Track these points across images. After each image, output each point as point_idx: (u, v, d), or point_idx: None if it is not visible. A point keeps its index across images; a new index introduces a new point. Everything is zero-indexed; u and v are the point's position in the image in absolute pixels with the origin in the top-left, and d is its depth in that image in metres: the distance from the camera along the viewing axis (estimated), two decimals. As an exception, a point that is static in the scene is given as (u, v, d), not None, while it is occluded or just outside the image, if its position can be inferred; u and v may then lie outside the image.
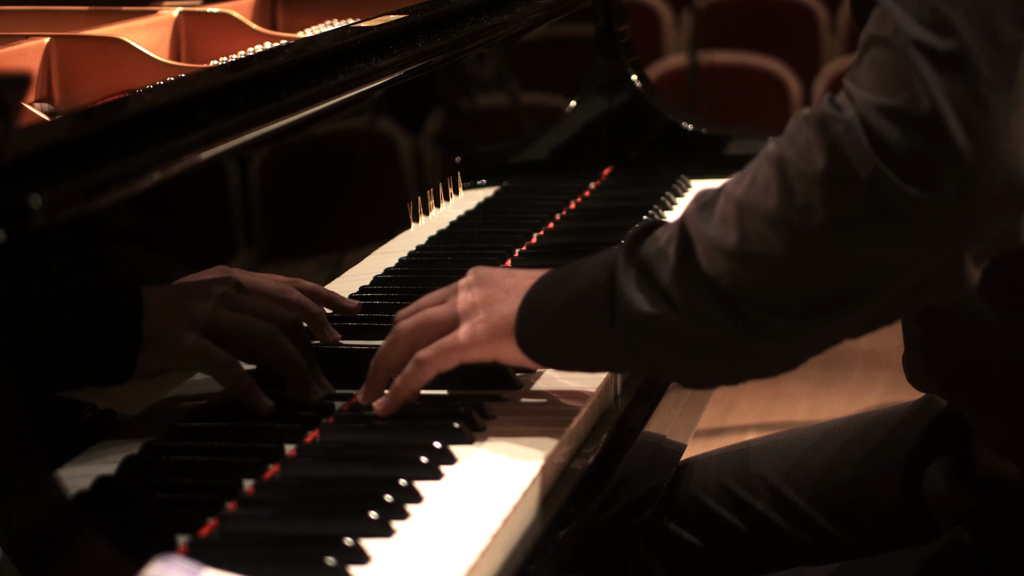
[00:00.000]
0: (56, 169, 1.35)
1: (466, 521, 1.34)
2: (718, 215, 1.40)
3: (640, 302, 1.42)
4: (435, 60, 2.11)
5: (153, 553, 1.19)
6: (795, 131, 1.38)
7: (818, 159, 1.34)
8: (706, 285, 1.39)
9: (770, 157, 1.39)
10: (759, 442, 1.96)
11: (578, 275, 1.49)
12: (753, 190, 1.38)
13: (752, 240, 1.37)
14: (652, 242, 1.45)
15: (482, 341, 1.52)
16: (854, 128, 1.33)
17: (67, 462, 1.37)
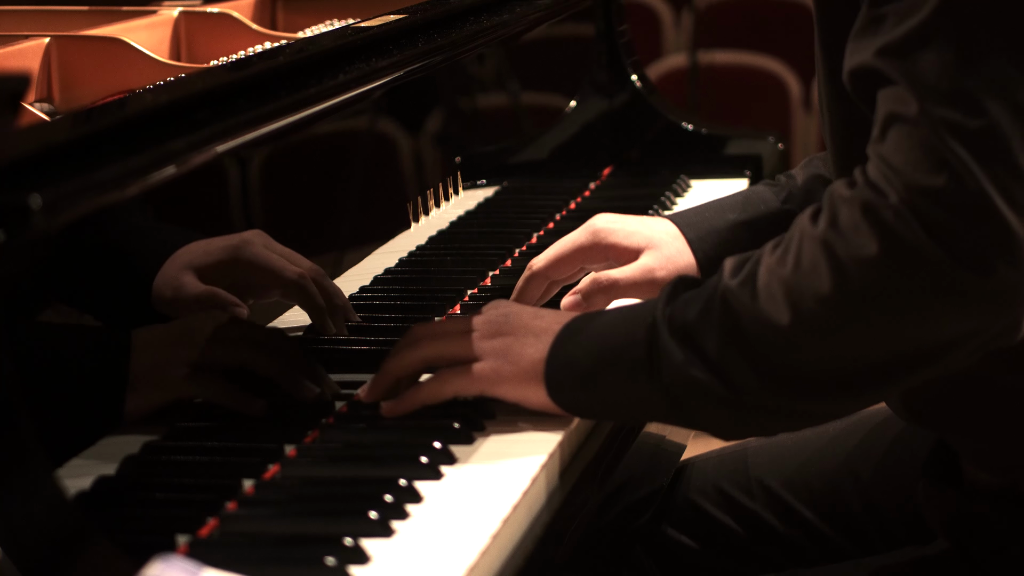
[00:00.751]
0: (56, 169, 1.35)
1: (466, 521, 1.34)
2: (763, 292, 1.41)
3: (691, 370, 1.43)
4: (435, 60, 2.10)
5: (153, 553, 1.19)
6: (835, 211, 1.39)
7: (870, 244, 1.35)
8: (756, 361, 1.41)
9: (814, 239, 1.39)
10: (756, 444, 1.96)
11: (611, 328, 1.50)
12: (800, 271, 1.39)
13: (806, 321, 1.38)
14: (687, 308, 1.45)
15: (508, 382, 1.52)
16: (904, 215, 1.34)
17: (67, 462, 1.37)
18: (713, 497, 1.90)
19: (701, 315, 1.44)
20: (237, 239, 1.65)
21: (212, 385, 1.52)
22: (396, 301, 1.90)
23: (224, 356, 1.53)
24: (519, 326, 1.54)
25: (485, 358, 1.53)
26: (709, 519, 1.89)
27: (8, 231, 1.26)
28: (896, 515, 1.81)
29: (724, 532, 1.89)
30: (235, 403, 1.53)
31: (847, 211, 1.37)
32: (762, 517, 1.87)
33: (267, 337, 1.59)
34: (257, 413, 1.53)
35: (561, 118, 2.62)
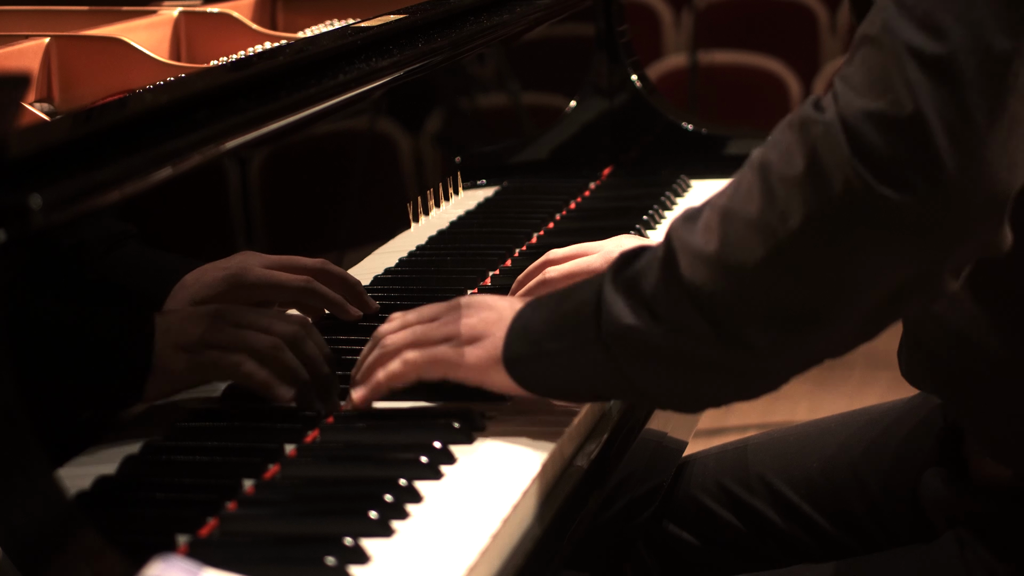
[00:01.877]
0: (56, 169, 1.35)
1: (466, 521, 1.34)
2: (701, 224, 1.39)
3: (624, 314, 1.41)
4: (435, 60, 2.10)
5: (153, 553, 1.19)
6: (778, 135, 1.37)
7: (797, 162, 1.33)
8: (687, 294, 1.38)
9: (753, 163, 1.38)
10: (757, 439, 1.96)
11: (568, 296, 1.48)
12: (736, 197, 1.38)
13: (733, 246, 1.36)
14: (637, 260, 1.44)
15: (472, 365, 1.51)
16: (833, 130, 1.32)
17: (67, 462, 1.37)
18: (714, 493, 1.90)
19: (647, 261, 1.42)
20: (234, 267, 1.64)
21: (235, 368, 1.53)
22: (396, 301, 1.90)
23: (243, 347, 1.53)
24: (483, 308, 1.53)
25: (455, 342, 1.52)
26: (710, 515, 1.89)
27: (8, 231, 1.26)
28: (898, 511, 1.81)
29: (725, 528, 1.89)
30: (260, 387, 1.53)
31: (787, 133, 1.36)
32: (763, 513, 1.87)
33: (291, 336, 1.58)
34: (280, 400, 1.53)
35: (561, 118, 2.62)
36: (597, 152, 2.68)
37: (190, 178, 1.58)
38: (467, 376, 1.51)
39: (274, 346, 1.53)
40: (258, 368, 1.52)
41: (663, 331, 1.39)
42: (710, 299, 1.37)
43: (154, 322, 1.50)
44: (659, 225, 2.31)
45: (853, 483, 1.84)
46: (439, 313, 1.54)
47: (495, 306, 1.53)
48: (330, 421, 1.55)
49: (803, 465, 1.88)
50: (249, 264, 1.66)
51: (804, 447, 1.90)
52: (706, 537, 1.89)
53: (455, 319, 1.53)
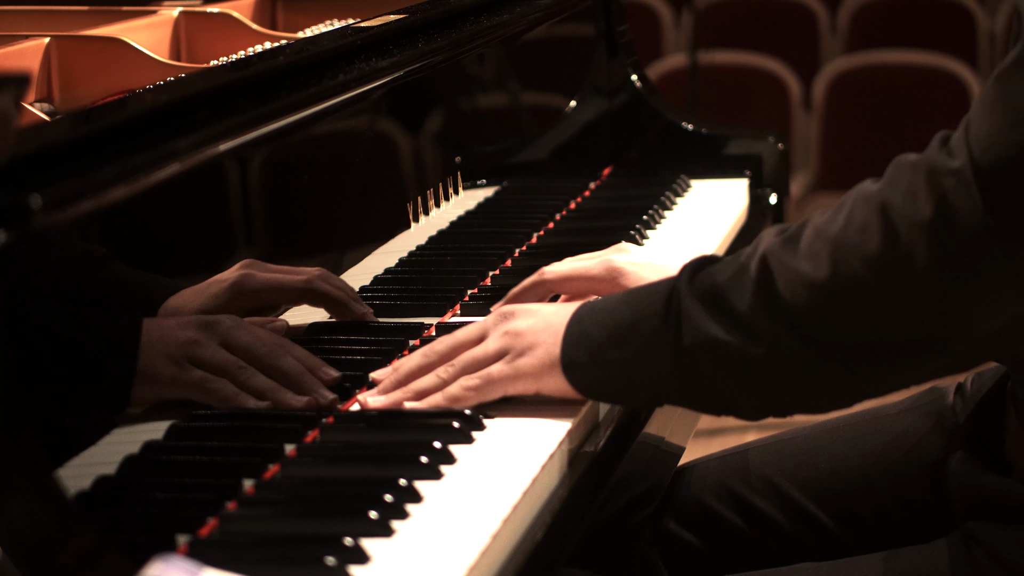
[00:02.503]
0: (56, 169, 1.35)
1: (466, 521, 1.34)
2: (804, 249, 1.41)
3: (711, 328, 1.43)
4: (435, 60, 2.10)
5: (153, 553, 1.19)
6: (898, 176, 1.38)
7: (924, 208, 1.34)
8: (784, 315, 1.40)
9: (871, 200, 1.39)
10: (760, 443, 1.96)
11: (626, 304, 1.50)
12: (850, 230, 1.39)
13: (845, 278, 1.38)
14: (714, 274, 1.46)
15: (527, 373, 1.53)
16: (965, 180, 1.33)
17: (67, 462, 1.37)
18: (719, 494, 1.90)
19: (733, 277, 1.43)
20: (235, 274, 1.64)
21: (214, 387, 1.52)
22: (396, 301, 1.90)
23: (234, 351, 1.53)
24: (529, 314, 1.54)
25: (502, 357, 1.53)
26: (715, 516, 1.89)
27: (8, 231, 1.26)
28: (905, 511, 1.81)
29: (730, 529, 1.88)
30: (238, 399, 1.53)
31: (910, 175, 1.36)
32: (769, 515, 1.87)
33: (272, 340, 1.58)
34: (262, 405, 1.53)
35: (561, 118, 2.62)
36: (597, 152, 2.68)
37: (190, 178, 1.57)
38: (524, 388, 1.54)
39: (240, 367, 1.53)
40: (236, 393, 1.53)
41: (758, 348, 1.41)
42: (812, 324, 1.40)
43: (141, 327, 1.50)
44: (659, 225, 2.31)
45: (861, 483, 1.84)
46: (486, 330, 1.56)
47: (538, 313, 1.55)
48: (330, 421, 1.55)
49: (811, 466, 1.88)
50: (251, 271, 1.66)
51: (811, 448, 1.90)
52: (712, 538, 1.89)
53: (501, 332, 1.55)
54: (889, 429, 1.87)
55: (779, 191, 2.64)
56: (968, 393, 1.82)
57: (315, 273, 1.74)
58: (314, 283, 1.72)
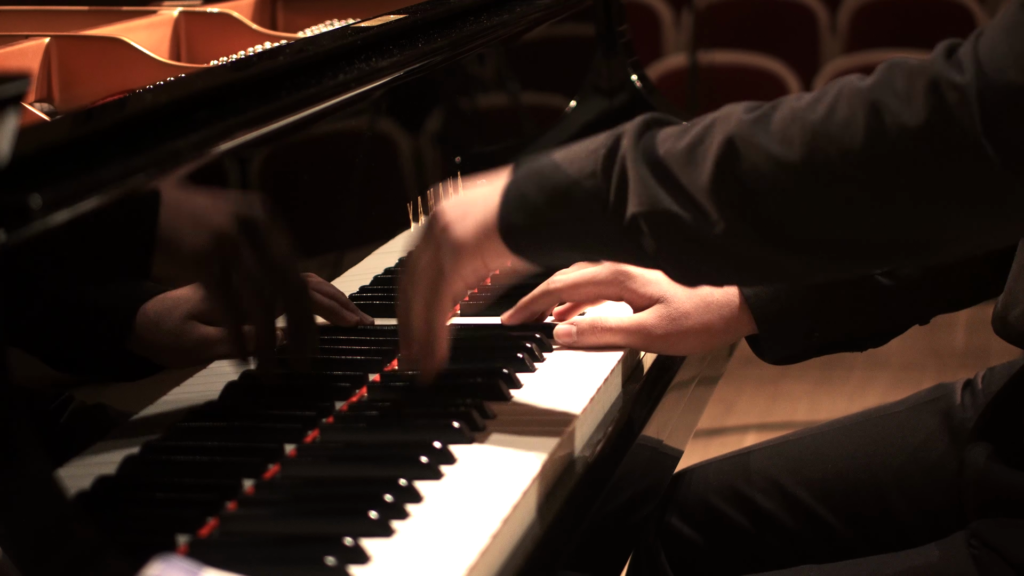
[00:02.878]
0: (56, 169, 1.35)
1: (466, 521, 1.34)
2: (777, 130, 1.36)
3: (666, 201, 1.39)
4: (435, 60, 2.10)
5: (153, 553, 1.19)
6: (893, 77, 1.34)
7: (919, 114, 1.30)
8: (748, 200, 1.36)
9: (859, 95, 1.35)
10: (765, 445, 1.96)
11: (566, 163, 1.46)
12: (832, 121, 1.34)
13: (819, 167, 1.33)
14: (666, 141, 1.42)
15: (467, 247, 1.50)
16: (969, 99, 1.28)
17: (67, 462, 1.37)
18: (725, 494, 1.90)
19: (689, 149, 1.39)
20: None
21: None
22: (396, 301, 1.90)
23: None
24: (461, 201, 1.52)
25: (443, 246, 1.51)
26: (720, 516, 1.89)
27: (8, 231, 1.26)
28: (910, 511, 1.80)
29: (735, 529, 1.88)
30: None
31: (906, 79, 1.32)
32: (774, 514, 1.87)
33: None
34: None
35: (561, 118, 2.62)
36: (597, 152, 2.67)
37: (190, 178, 1.57)
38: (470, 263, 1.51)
39: None
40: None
41: (712, 228, 1.37)
42: (773, 208, 1.35)
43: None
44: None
45: (868, 483, 1.84)
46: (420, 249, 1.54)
47: (470, 193, 1.52)
48: (330, 421, 1.55)
49: (817, 467, 1.88)
50: None
51: (817, 449, 1.90)
52: (718, 538, 1.89)
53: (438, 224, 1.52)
54: (896, 428, 1.86)
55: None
56: (980, 389, 1.81)
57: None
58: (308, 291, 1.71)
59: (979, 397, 1.80)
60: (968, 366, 4.95)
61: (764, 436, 4.51)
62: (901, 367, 5.02)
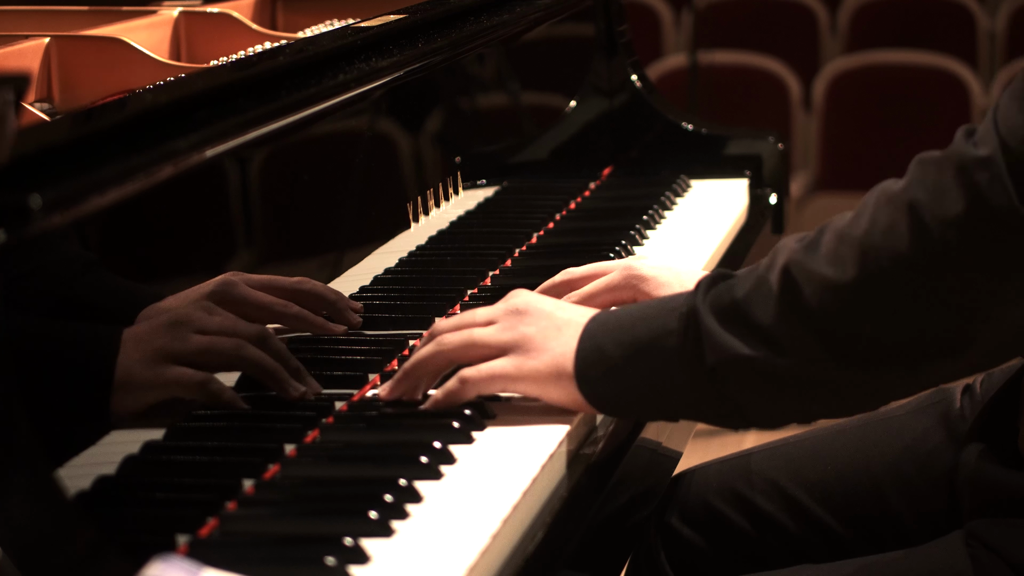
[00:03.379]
0: (56, 169, 1.35)
1: (466, 521, 1.34)
2: (827, 256, 1.40)
3: (734, 344, 1.43)
4: (435, 60, 2.10)
5: (153, 553, 1.19)
6: (923, 173, 1.37)
7: (958, 203, 1.34)
8: (815, 325, 1.40)
9: (896, 200, 1.38)
10: (765, 447, 1.96)
11: (642, 320, 1.49)
12: (875, 232, 1.38)
13: (874, 280, 1.37)
14: (732, 289, 1.45)
15: (532, 378, 1.52)
16: (997, 173, 1.31)
17: (67, 462, 1.37)
18: (725, 496, 1.90)
19: (753, 291, 1.43)
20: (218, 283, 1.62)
21: (198, 384, 1.52)
22: (396, 301, 1.90)
23: (210, 354, 1.53)
24: (541, 316, 1.53)
25: (506, 353, 1.52)
26: (720, 517, 1.89)
27: (8, 231, 1.26)
28: (910, 514, 1.80)
29: (735, 531, 1.88)
30: (220, 402, 1.52)
31: (936, 171, 1.35)
32: (774, 516, 1.87)
33: (255, 335, 1.57)
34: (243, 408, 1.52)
35: (561, 118, 2.62)
36: (597, 152, 2.68)
37: (190, 178, 1.57)
38: (526, 389, 1.53)
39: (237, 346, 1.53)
40: (224, 389, 1.52)
41: (785, 360, 1.41)
42: (840, 329, 1.39)
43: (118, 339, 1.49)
44: (659, 225, 2.31)
45: (868, 486, 1.84)
46: (496, 316, 1.55)
47: (553, 315, 1.54)
48: (330, 421, 1.55)
49: (817, 469, 1.88)
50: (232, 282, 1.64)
51: (817, 452, 1.90)
52: (718, 540, 1.89)
53: (513, 325, 1.53)
54: (896, 432, 1.87)
55: (779, 191, 2.64)
56: (978, 395, 1.82)
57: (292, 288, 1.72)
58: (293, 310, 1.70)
59: (977, 401, 1.80)
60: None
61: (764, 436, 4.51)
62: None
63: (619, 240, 2.16)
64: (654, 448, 1.73)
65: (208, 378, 1.51)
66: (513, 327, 1.53)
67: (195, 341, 1.51)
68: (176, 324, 1.52)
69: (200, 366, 1.51)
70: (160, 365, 1.49)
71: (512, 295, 1.57)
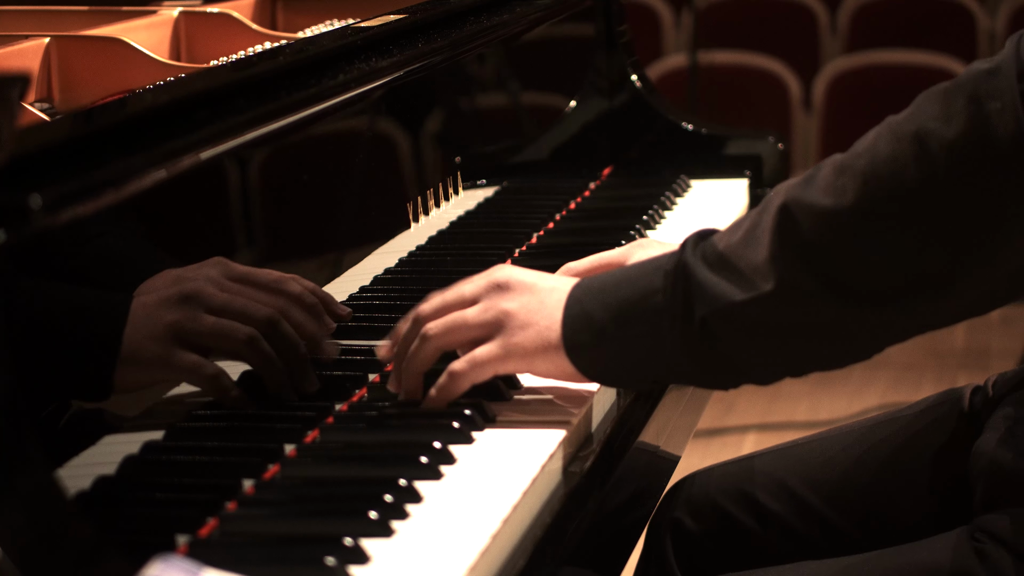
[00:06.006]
0: (56, 169, 1.35)
1: (466, 521, 1.34)
2: (823, 185, 1.37)
3: (728, 290, 1.40)
4: (435, 60, 2.11)
5: (153, 553, 1.19)
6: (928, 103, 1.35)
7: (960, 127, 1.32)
8: (810, 257, 1.37)
9: (898, 130, 1.36)
10: (773, 450, 1.96)
11: (627, 281, 1.47)
12: (877, 160, 1.35)
13: (876, 207, 1.34)
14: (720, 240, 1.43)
15: (520, 354, 1.50)
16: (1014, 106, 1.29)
17: (67, 462, 1.37)
18: (731, 495, 1.89)
19: (745, 236, 1.41)
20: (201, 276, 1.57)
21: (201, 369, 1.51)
22: (396, 301, 1.90)
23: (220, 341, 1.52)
24: (524, 289, 1.52)
25: (492, 334, 1.51)
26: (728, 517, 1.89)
27: (8, 231, 1.26)
28: (918, 514, 1.80)
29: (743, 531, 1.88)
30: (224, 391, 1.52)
31: (945, 99, 1.33)
32: (781, 516, 1.86)
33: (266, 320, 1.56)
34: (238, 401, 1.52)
35: (561, 118, 2.62)
36: (597, 152, 2.68)
37: (190, 178, 1.57)
38: (514, 368, 1.52)
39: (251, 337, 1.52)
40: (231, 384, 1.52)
41: (782, 301, 1.38)
42: (840, 259, 1.36)
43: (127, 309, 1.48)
44: (659, 225, 2.31)
45: (876, 486, 1.84)
46: (478, 294, 1.53)
47: (535, 288, 1.52)
48: (330, 421, 1.55)
49: (824, 469, 1.88)
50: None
51: (825, 452, 1.90)
52: (725, 538, 1.89)
53: (495, 303, 1.52)
54: (903, 432, 1.86)
55: (779, 191, 2.64)
56: (990, 395, 1.81)
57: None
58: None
59: (990, 399, 1.80)
60: (968, 367, 4.95)
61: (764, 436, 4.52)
62: (901, 367, 5.02)
63: (619, 240, 2.16)
64: (653, 450, 1.74)
65: (220, 372, 1.51)
66: (495, 305, 1.52)
67: (207, 322, 1.51)
68: (188, 299, 1.51)
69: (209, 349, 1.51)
70: (172, 345, 1.49)
71: (494, 269, 1.55)
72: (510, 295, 1.52)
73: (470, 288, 1.55)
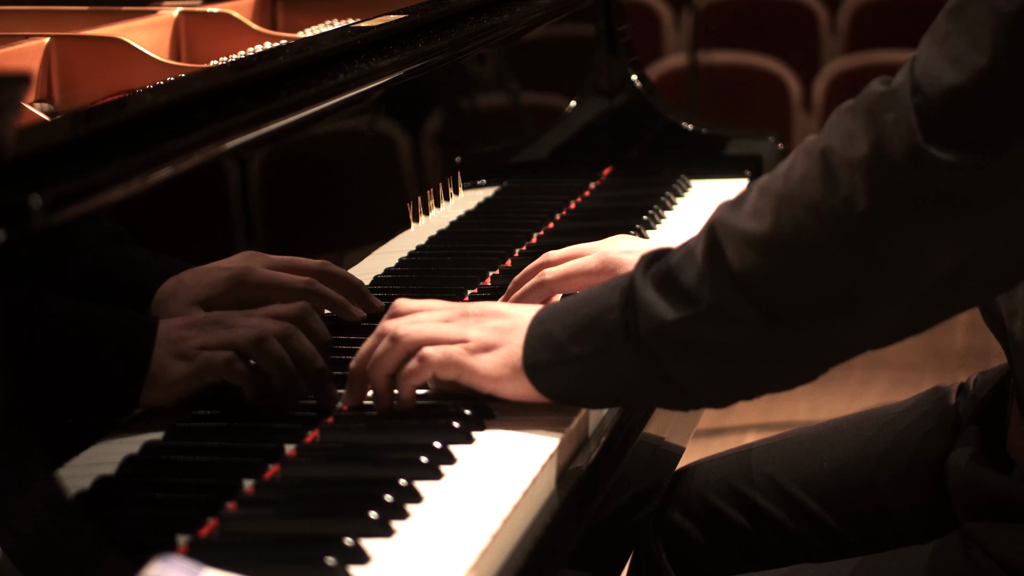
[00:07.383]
0: (56, 169, 1.35)
1: (466, 521, 1.34)
2: (748, 209, 1.38)
3: (663, 309, 1.40)
4: (435, 60, 2.11)
5: (153, 553, 1.19)
6: (837, 121, 1.36)
7: (861, 144, 1.32)
8: (735, 280, 1.37)
9: (811, 149, 1.36)
10: (764, 443, 1.96)
11: (587, 300, 1.47)
12: (791, 182, 1.36)
13: (789, 230, 1.35)
14: (669, 258, 1.44)
15: (483, 373, 1.50)
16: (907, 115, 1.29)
17: (67, 462, 1.37)
18: (723, 492, 1.90)
19: (684, 255, 1.41)
20: (236, 267, 1.63)
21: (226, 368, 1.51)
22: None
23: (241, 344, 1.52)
24: (495, 315, 1.52)
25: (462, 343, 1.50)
26: (719, 514, 1.89)
27: (8, 231, 1.26)
28: (906, 512, 1.81)
29: (734, 527, 1.89)
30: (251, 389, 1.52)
31: (850, 116, 1.34)
32: (772, 512, 1.87)
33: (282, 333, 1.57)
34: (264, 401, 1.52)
35: (561, 118, 2.62)
36: (597, 152, 2.68)
37: (190, 178, 1.57)
38: (480, 384, 1.51)
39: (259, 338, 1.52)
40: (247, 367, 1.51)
41: (710, 322, 1.38)
42: (760, 283, 1.36)
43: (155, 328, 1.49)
44: (659, 225, 2.31)
45: (864, 483, 1.84)
46: (450, 316, 1.53)
47: (506, 313, 1.52)
48: (330, 421, 1.55)
49: (814, 465, 1.88)
50: (251, 264, 1.65)
51: (815, 448, 1.90)
52: (716, 536, 1.89)
53: (465, 324, 1.52)
54: (892, 428, 1.87)
55: (779, 191, 2.64)
56: (971, 392, 1.82)
57: (318, 269, 1.72)
58: (315, 286, 1.69)
59: (969, 401, 1.81)
60: (968, 366, 4.95)
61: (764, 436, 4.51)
62: (901, 367, 5.02)
63: (619, 240, 2.15)
64: (656, 444, 1.73)
65: (233, 357, 1.51)
66: (465, 325, 1.52)
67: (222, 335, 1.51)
68: (213, 324, 1.51)
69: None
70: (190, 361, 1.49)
71: (466, 304, 1.56)
72: (482, 319, 1.52)
73: (441, 311, 1.54)
